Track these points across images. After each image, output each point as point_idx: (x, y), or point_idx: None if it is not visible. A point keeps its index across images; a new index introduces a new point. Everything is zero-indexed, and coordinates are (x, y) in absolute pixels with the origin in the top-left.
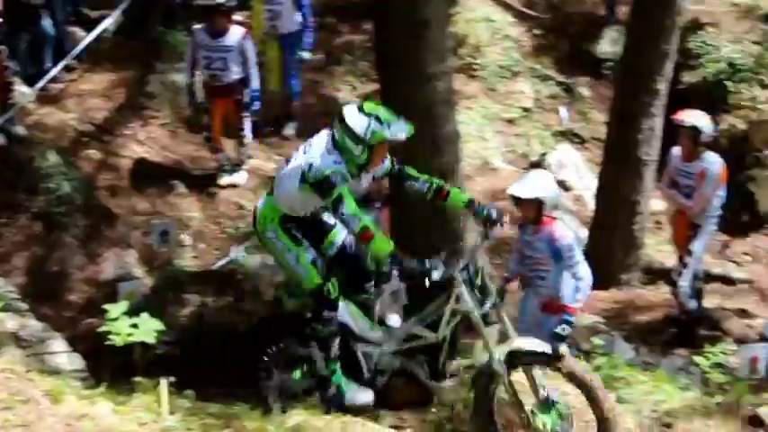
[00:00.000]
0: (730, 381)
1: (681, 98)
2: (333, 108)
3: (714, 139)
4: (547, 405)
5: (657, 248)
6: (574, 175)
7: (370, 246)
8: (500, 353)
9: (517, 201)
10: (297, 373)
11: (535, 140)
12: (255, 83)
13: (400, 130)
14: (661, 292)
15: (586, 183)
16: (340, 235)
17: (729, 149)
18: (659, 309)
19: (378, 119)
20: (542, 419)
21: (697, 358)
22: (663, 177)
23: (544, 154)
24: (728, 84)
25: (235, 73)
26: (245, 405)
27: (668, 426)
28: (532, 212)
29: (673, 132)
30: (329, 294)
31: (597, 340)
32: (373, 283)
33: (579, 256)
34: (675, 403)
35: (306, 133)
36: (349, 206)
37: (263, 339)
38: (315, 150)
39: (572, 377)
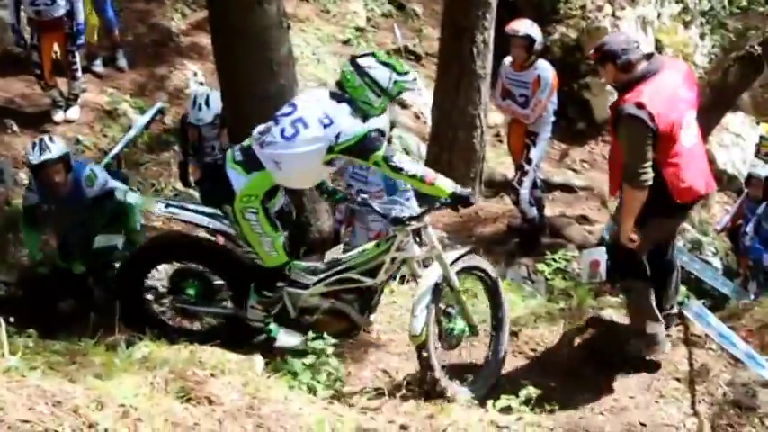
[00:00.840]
0: (572, 286)
1: (511, 10)
2: (164, 37)
3: (545, 47)
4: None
5: (499, 161)
6: (412, 93)
7: (431, 189)
8: (452, 270)
9: None
10: (191, 291)
11: None
12: (80, 16)
13: (414, 80)
14: (504, 203)
15: (425, 99)
16: (281, 197)
17: (562, 58)
18: (502, 220)
19: (395, 69)
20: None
21: (540, 266)
22: (496, 89)
23: None
24: None
25: (62, 7)
26: (91, 341)
27: (515, 334)
28: None
29: (502, 45)
30: (289, 272)
31: None
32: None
33: (411, 189)
34: (521, 311)
35: (140, 64)
36: (401, 156)
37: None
38: (338, 117)
39: (487, 278)
